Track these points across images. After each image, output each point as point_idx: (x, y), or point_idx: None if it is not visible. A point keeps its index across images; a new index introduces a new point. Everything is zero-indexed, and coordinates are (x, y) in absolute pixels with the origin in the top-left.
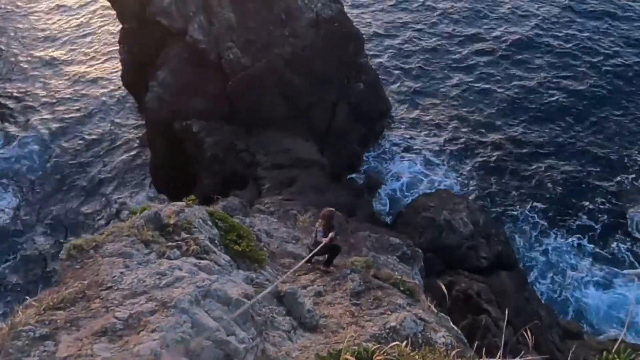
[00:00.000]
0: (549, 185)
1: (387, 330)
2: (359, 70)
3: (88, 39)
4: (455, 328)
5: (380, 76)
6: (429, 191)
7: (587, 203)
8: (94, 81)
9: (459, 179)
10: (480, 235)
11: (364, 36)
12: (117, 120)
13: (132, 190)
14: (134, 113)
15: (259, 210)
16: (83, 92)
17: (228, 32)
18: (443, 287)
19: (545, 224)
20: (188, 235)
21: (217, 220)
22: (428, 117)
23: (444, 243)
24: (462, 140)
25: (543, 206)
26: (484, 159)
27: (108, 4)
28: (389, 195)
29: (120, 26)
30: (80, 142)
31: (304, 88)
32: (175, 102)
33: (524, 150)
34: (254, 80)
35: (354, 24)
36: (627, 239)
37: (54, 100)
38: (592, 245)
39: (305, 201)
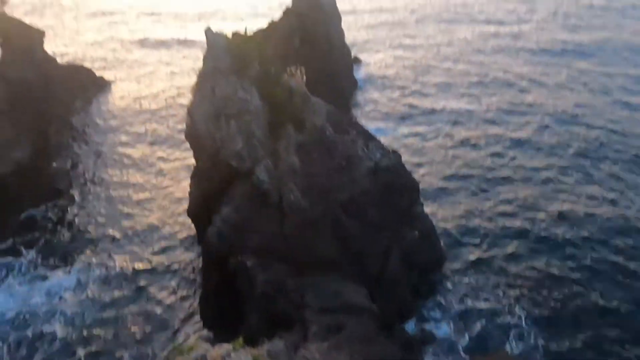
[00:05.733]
0: None
1: None
2: (413, 218)
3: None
4: None
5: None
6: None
7: None
8: (159, 210)
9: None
10: None
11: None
12: (177, 249)
13: (180, 324)
14: (195, 244)
15: (304, 357)
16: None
17: (291, 176)
18: None
19: None
20: None
21: None
22: (484, 272)
23: None
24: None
25: None
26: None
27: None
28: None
29: (194, 163)
30: (135, 266)
31: (358, 232)
32: (234, 238)
33: None
34: (311, 222)
35: (411, 173)
36: None
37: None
38: None
39: (352, 350)
